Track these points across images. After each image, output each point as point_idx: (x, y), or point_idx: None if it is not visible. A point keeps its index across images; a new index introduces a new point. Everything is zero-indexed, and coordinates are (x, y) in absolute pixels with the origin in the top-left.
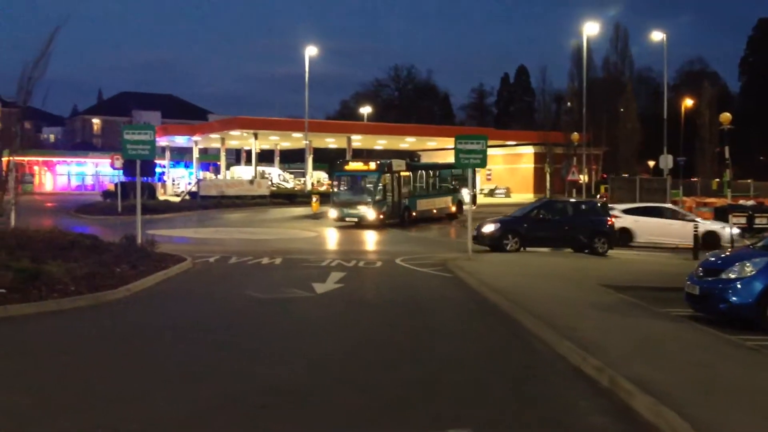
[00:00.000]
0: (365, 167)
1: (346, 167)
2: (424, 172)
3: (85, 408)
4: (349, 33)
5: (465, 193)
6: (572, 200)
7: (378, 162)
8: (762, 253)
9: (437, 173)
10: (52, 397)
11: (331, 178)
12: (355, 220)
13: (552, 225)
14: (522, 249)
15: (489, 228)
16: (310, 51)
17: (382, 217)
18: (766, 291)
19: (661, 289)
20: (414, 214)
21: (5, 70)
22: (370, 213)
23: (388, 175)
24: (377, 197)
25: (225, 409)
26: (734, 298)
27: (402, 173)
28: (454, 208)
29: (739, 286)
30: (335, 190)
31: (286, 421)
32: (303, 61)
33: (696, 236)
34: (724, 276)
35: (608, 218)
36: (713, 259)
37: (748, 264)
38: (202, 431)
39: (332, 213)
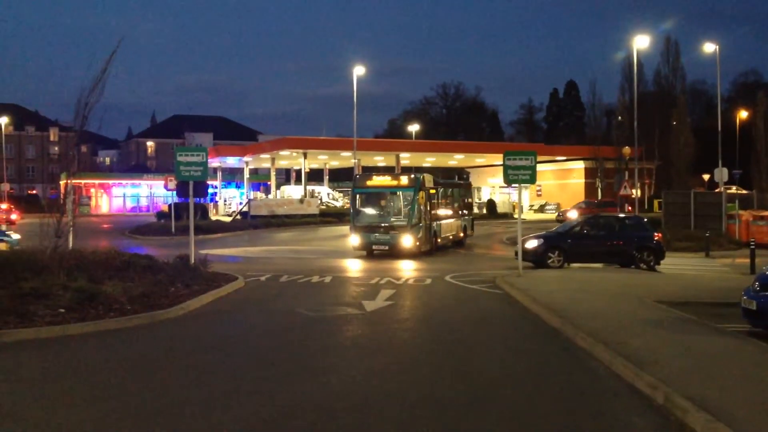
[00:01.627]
0: (395, 182)
1: (370, 182)
2: (443, 190)
3: (146, 422)
4: (397, 52)
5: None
6: (616, 215)
7: (411, 175)
8: None
9: (452, 192)
10: (115, 412)
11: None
12: (386, 248)
13: (596, 240)
14: (566, 265)
15: (532, 244)
16: (358, 71)
17: (419, 243)
18: None
19: (716, 304)
20: (439, 240)
21: (63, 96)
22: (406, 239)
23: (423, 192)
24: (414, 220)
25: (273, 426)
26: None
27: (431, 191)
28: (462, 234)
29: None
30: (354, 209)
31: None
32: (351, 80)
33: (752, 249)
34: None
35: (655, 233)
36: None
37: None
38: None
39: (354, 240)
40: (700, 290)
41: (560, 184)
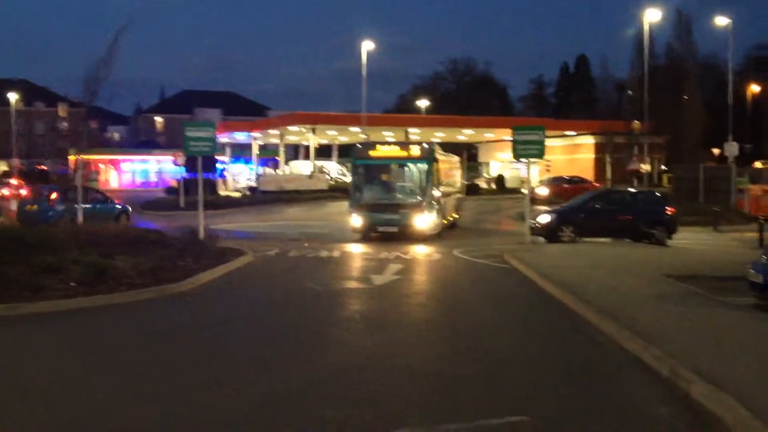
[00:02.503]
0: (405, 153)
1: (374, 153)
2: (443, 164)
3: (164, 394)
4: (407, 27)
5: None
6: (630, 189)
7: (425, 145)
8: None
9: (448, 166)
10: (128, 384)
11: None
12: (394, 229)
13: (609, 215)
14: (578, 239)
15: (545, 219)
16: (368, 45)
17: (434, 224)
18: None
19: (724, 278)
20: (445, 221)
21: (72, 71)
22: (421, 219)
23: (436, 165)
24: (428, 197)
25: (287, 398)
26: None
27: (441, 164)
28: (456, 214)
29: None
30: (355, 185)
31: (347, 407)
32: (360, 55)
33: (760, 223)
34: None
35: (667, 207)
36: None
37: None
38: (271, 415)
39: (355, 221)
40: (708, 264)
41: (569, 159)
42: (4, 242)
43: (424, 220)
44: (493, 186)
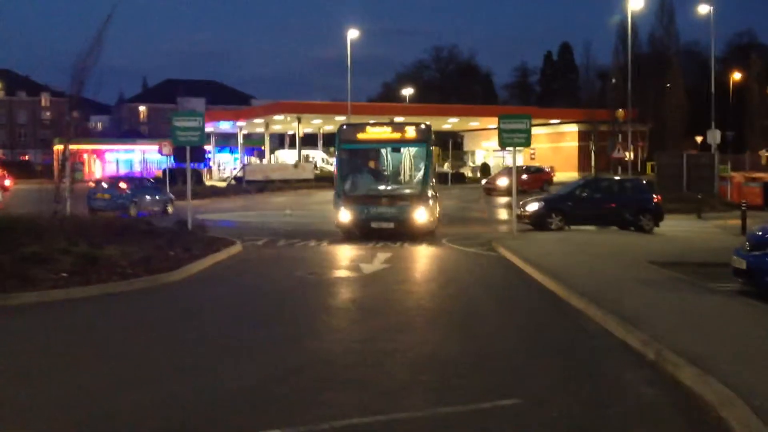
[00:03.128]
0: (399, 134)
1: (363, 135)
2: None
3: (155, 380)
4: (392, 14)
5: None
6: (617, 178)
7: (421, 125)
8: None
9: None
10: (121, 373)
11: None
12: (390, 225)
13: (596, 203)
14: (566, 227)
15: (533, 206)
16: (352, 34)
17: (434, 218)
18: None
19: (709, 264)
20: (438, 215)
21: (55, 61)
22: (420, 213)
23: (434, 149)
24: (428, 186)
25: (283, 381)
26: None
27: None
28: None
29: None
30: (341, 174)
31: (338, 391)
32: (345, 43)
33: (743, 210)
34: None
35: (654, 195)
36: (760, 232)
37: None
38: (261, 401)
39: (343, 216)
40: (692, 251)
41: (554, 147)
42: None
43: (423, 214)
44: (479, 174)
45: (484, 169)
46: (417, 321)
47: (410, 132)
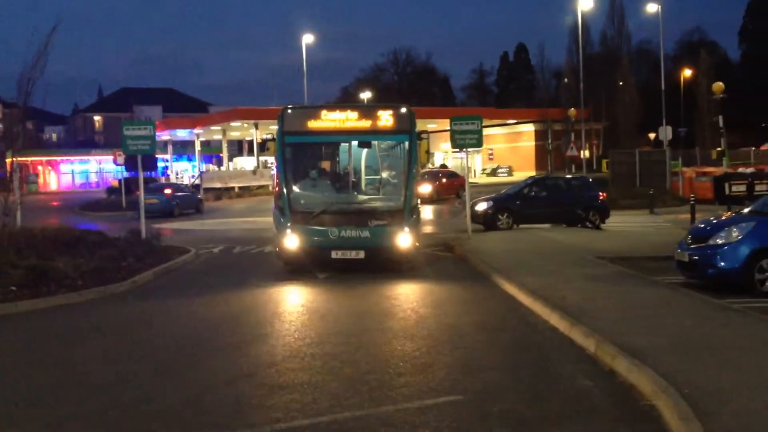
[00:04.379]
0: (368, 122)
1: (315, 122)
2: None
3: (88, 394)
4: (347, 18)
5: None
6: (563, 176)
7: (402, 110)
8: (749, 219)
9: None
10: (59, 384)
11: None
12: (359, 255)
13: (544, 201)
14: (515, 226)
15: (482, 206)
16: (308, 38)
17: (418, 242)
18: (753, 255)
19: (655, 258)
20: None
21: (4, 71)
22: (403, 236)
23: (420, 142)
24: (412, 196)
25: (231, 386)
26: (722, 263)
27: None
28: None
29: (726, 251)
30: (286, 180)
31: (289, 393)
32: (301, 48)
33: (692, 205)
34: (711, 242)
35: (599, 193)
36: (702, 225)
37: (734, 229)
38: (214, 401)
39: (290, 241)
40: (641, 245)
41: (511, 147)
42: None
43: (406, 237)
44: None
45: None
46: (367, 324)
47: (386, 118)
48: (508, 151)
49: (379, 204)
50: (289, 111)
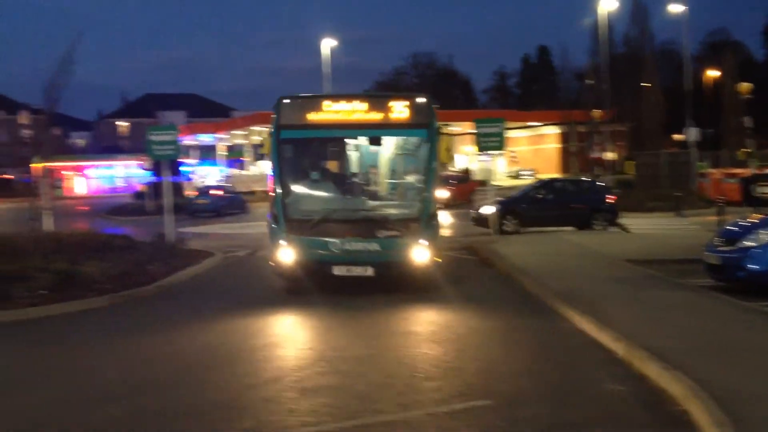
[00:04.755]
0: (380, 114)
1: (317, 115)
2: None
3: (112, 399)
4: (368, 22)
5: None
6: (571, 179)
7: (418, 99)
8: None
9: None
10: (91, 386)
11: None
12: (367, 271)
13: (551, 204)
14: (521, 230)
15: (488, 210)
16: (329, 43)
17: (436, 255)
18: None
19: (682, 261)
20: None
21: (32, 78)
22: (420, 250)
23: (440, 138)
24: (431, 202)
25: (259, 387)
26: (752, 266)
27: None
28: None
29: (755, 253)
30: (282, 182)
31: (319, 396)
32: (322, 52)
33: (720, 207)
34: (740, 244)
35: (607, 195)
36: (731, 227)
37: (764, 231)
38: (244, 405)
39: (285, 254)
40: (668, 248)
41: (535, 150)
42: None
43: (423, 251)
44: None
45: (466, 173)
46: (392, 326)
47: (400, 110)
48: (531, 153)
49: (392, 211)
50: (286, 101)
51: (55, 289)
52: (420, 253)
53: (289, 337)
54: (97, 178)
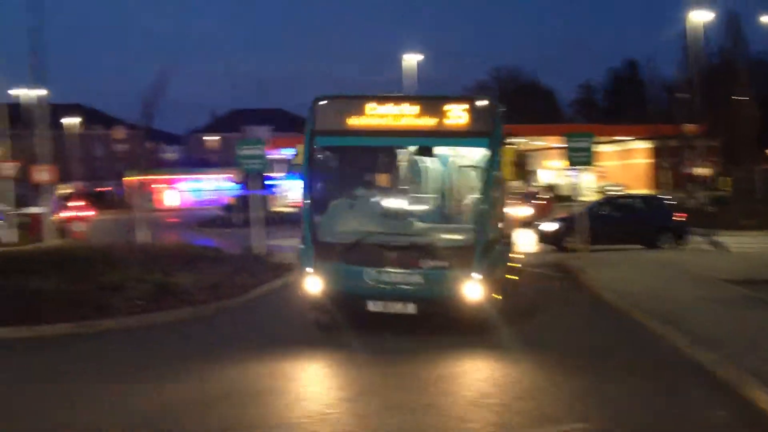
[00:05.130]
0: (433, 120)
1: (357, 120)
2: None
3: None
4: (452, 35)
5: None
6: (637, 195)
7: (479, 102)
8: None
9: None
10: (184, 393)
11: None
12: (409, 308)
13: (616, 221)
14: (586, 247)
15: (551, 226)
16: (411, 58)
17: (495, 292)
18: None
19: None
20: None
21: (126, 95)
22: (471, 286)
23: (507, 151)
24: (488, 228)
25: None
26: None
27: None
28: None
29: None
30: (313, 198)
31: (403, 414)
32: (403, 67)
33: None
34: None
35: (674, 213)
36: None
37: None
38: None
39: (312, 283)
40: (765, 268)
41: (623, 165)
42: (69, 262)
43: (477, 288)
44: (551, 195)
45: (552, 189)
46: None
47: (457, 114)
48: (619, 168)
49: (440, 236)
50: (323, 102)
51: (150, 299)
52: (472, 289)
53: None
54: (186, 191)
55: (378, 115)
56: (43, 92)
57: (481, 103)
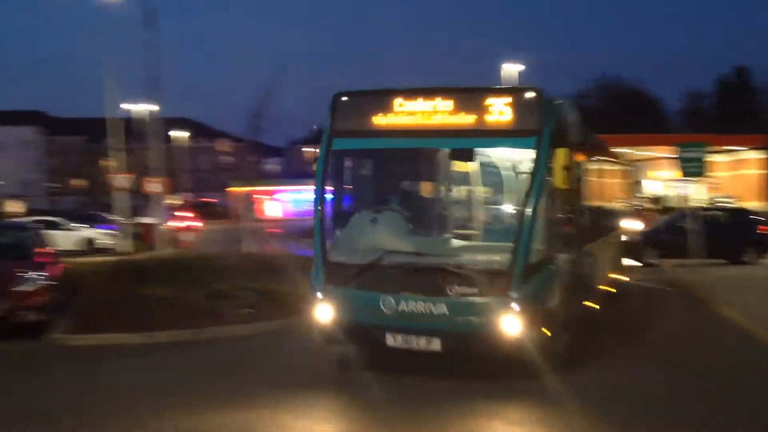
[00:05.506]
0: (472, 117)
1: (382, 118)
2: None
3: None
4: (548, 43)
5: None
6: (720, 207)
7: (526, 94)
8: None
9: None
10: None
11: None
12: (433, 344)
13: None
14: (663, 261)
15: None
16: (512, 68)
17: (548, 330)
18: None
19: None
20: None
21: (229, 108)
22: (507, 319)
23: (565, 152)
24: (528, 246)
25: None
26: None
27: (580, 150)
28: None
29: None
30: (333, 214)
31: None
32: (506, 77)
33: None
34: None
35: (759, 226)
36: None
37: None
38: None
39: (321, 312)
40: None
41: (734, 176)
42: (182, 270)
43: (513, 321)
44: (658, 206)
45: (660, 200)
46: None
47: (500, 110)
48: (730, 179)
49: (473, 257)
50: (344, 99)
51: (258, 307)
52: (510, 322)
53: None
54: (287, 201)
55: (407, 111)
56: (155, 107)
57: (528, 94)
